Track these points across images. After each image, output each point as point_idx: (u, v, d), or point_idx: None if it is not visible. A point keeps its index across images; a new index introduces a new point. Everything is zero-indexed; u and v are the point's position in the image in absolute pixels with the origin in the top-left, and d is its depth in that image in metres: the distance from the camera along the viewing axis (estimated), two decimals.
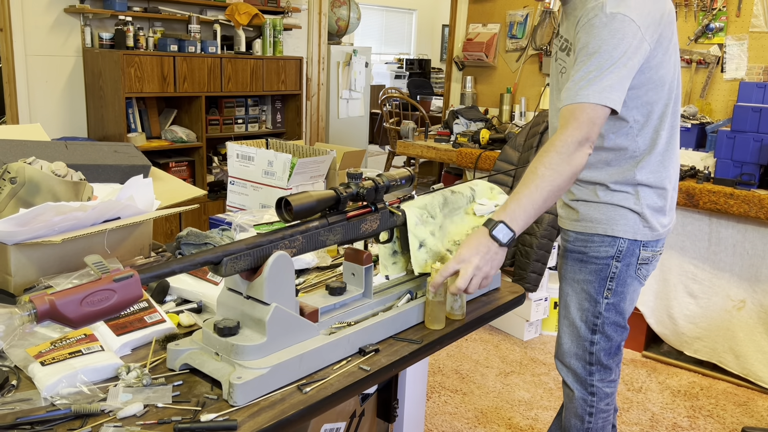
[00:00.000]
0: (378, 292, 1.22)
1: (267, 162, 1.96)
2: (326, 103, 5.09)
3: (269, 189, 1.95)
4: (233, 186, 2.06)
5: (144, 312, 1.11)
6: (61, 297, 0.77)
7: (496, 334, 2.97)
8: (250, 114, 4.07)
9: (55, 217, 1.16)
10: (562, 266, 1.49)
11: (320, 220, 1.08)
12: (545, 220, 2.58)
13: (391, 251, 1.28)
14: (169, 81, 3.39)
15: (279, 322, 0.98)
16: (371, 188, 1.14)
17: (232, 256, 0.94)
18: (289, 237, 1.02)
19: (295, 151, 2.20)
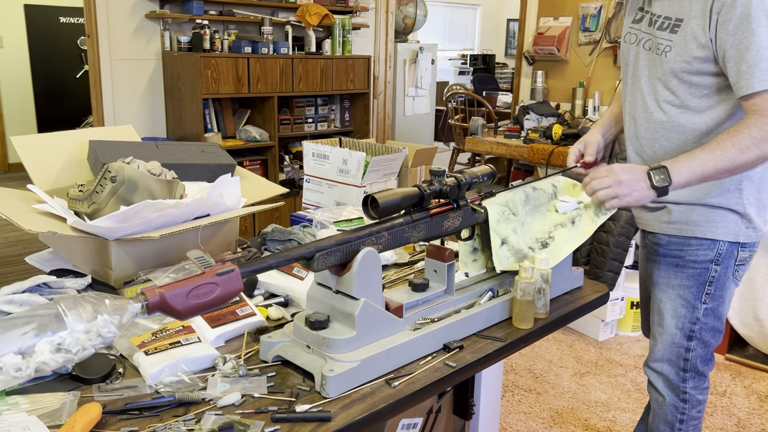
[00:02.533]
0: (459, 289, 1.22)
1: (341, 160, 1.99)
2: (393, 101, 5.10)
3: (344, 187, 1.98)
4: (309, 184, 2.10)
5: (236, 305, 1.15)
6: (170, 290, 0.81)
7: (570, 334, 2.91)
8: (320, 113, 4.14)
9: (152, 214, 1.22)
10: (654, 271, 1.44)
11: (404, 217, 1.09)
12: (622, 217, 2.50)
13: (471, 248, 1.27)
14: (243, 82, 3.49)
15: (367, 317, 0.99)
16: (454, 185, 1.14)
17: (323, 252, 0.96)
18: (375, 234, 1.04)
19: (368, 149, 2.22)
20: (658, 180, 1.16)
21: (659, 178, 1.17)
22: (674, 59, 1.26)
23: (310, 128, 4.08)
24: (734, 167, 1.17)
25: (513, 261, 1.24)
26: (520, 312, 1.18)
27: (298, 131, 3.99)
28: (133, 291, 1.18)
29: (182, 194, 1.38)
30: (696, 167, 1.17)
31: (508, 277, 1.29)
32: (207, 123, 3.60)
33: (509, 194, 1.28)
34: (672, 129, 1.30)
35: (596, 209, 1.32)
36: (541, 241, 1.29)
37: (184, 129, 3.53)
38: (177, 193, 1.35)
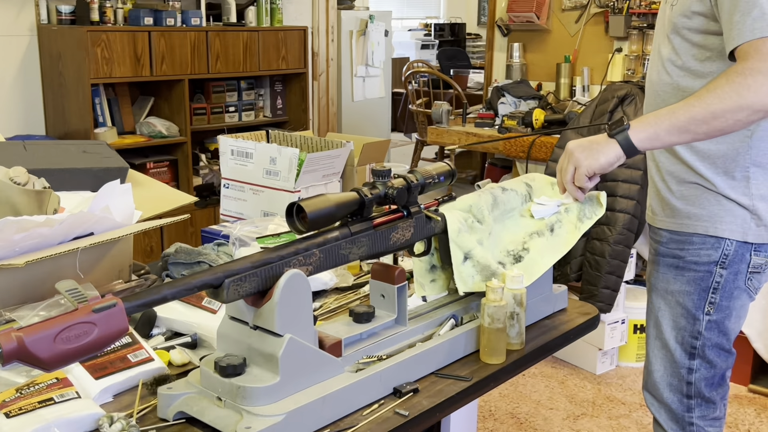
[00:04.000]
0: (414, 317, 1.23)
1: (269, 159, 1.99)
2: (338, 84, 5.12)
3: (272, 192, 1.97)
4: (228, 190, 2.08)
5: (127, 349, 1.13)
6: (31, 333, 0.79)
7: (561, 368, 2.95)
8: (245, 100, 4.12)
9: (15, 235, 1.19)
10: (652, 274, 1.49)
11: (341, 229, 1.09)
12: (619, 222, 2.56)
13: (428, 266, 1.28)
14: (143, 62, 3.45)
15: (295, 358, 0.99)
16: (402, 188, 1.14)
17: (235, 278, 0.95)
18: (303, 252, 1.03)
19: (303, 144, 2.22)
20: (616, 129, 1.25)
21: (618, 128, 1.25)
22: (676, 13, 1.35)
23: (233, 119, 4.05)
24: (710, 116, 1.21)
25: (479, 280, 1.25)
26: (489, 343, 1.19)
27: (217, 123, 3.96)
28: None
29: (56, 208, 1.35)
30: (663, 119, 1.24)
31: (475, 300, 1.30)
32: (98, 115, 3.54)
33: (473, 197, 1.30)
34: (672, 92, 1.36)
35: (579, 212, 1.35)
36: (513, 254, 1.31)
37: (68, 124, 3.46)
38: (49, 207, 1.32)
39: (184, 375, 1.13)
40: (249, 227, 1.62)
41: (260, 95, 4.28)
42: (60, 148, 1.56)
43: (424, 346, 1.16)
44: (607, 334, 2.85)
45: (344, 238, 1.08)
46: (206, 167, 3.97)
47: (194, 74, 3.66)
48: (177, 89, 3.66)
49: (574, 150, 1.25)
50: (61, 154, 1.54)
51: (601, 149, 1.26)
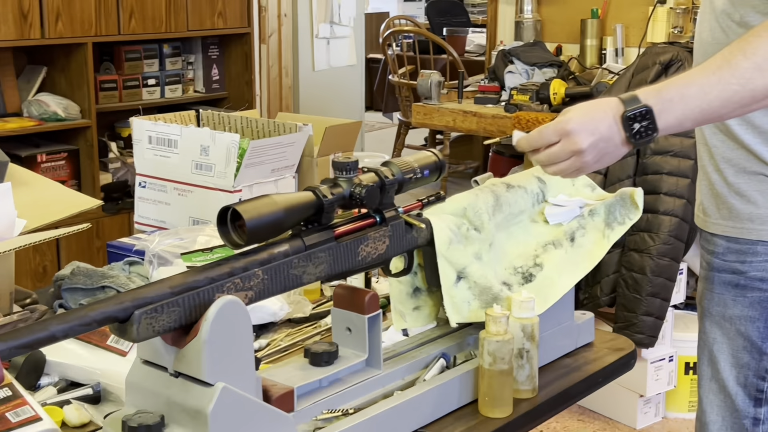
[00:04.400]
0: (392, 357, 1.22)
1: (199, 148, 1.98)
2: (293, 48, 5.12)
3: (204, 193, 1.97)
4: (144, 190, 2.07)
5: (6, 406, 1.11)
6: None
7: (591, 421, 2.97)
8: (168, 70, 4.09)
9: None
10: (705, 295, 1.50)
11: (292, 242, 1.08)
12: (665, 227, 2.58)
13: (410, 289, 1.29)
14: (32, 20, 3.42)
15: (230, 414, 0.98)
16: (373, 186, 1.14)
17: (148, 308, 0.94)
18: (241, 272, 1.03)
19: (246, 128, 2.22)
20: (640, 129, 1.21)
21: (640, 126, 1.21)
22: None
23: (153, 96, 4.03)
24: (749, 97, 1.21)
25: (477, 306, 1.25)
26: (491, 390, 1.19)
27: (131, 101, 3.93)
28: None
29: None
30: (692, 98, 1.21)
31: (471, 334, 1.29)
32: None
33: (469, 197, 1.30)
34: None
35: (608, 215, 1.35)
36: (521, 272, 1.31)
37: None
38: None
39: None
40: (171, 240, 1.61)
41: (189, 64, 4.25)
42: None
43: (405, 396, 1.15)
44: (650, 376, 2.87)
45: (296, 254, 1.08)
46: (118, 160, 3.94)
47: (100, 36, 3.64)
48: (77, 56, 3.63)
49: (586, 150, 1.21)
50: None
51: (613, 156, 1.24)
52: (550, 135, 1.21)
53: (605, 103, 1.24)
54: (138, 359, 1.04)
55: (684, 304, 2.97)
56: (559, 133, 1.21)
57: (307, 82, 5.25)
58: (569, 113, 1.23)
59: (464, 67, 4.65)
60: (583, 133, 1.20)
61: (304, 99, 5.24)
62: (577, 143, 1.20)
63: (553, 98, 3.18)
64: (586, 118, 1.21)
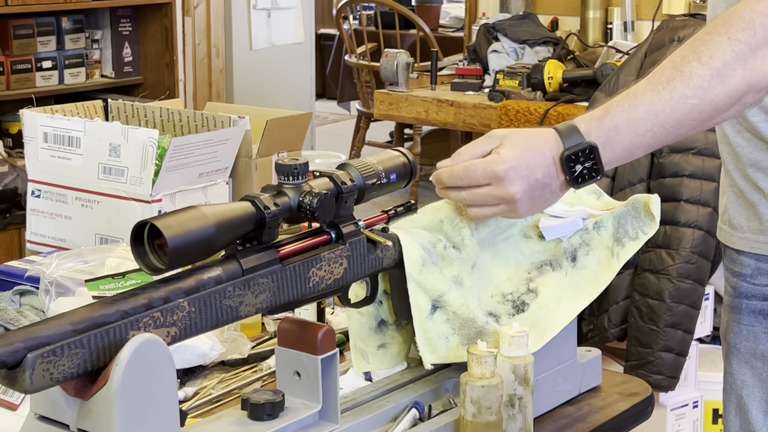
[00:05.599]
0: (352, 407, 1.22)
1: (108, 147, 1.98)
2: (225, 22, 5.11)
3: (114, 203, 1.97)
4: (39, 200, 2.07)
5: None
6: None
7: None
8: (68, 49, 4.09)
9: None
10: (731, 327, 1.51)
11: (225, 265, 1.08)
12: (686, 242, 2.60)
13: (374, 322, 1.29)
14: None
15: None
16: (327, 194, 1.15)
17: (44, 350, 0.93)
18: (161, 304, 1.02)
19: (167, 121, 2.21)
20: (582, 171, 1.24)
21: (582, 168, 1.24)
22: None
23: (49, 81, 4.03)
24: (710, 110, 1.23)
25: (457, 343, 1.25)
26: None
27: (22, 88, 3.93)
28: None
29: None
30: (641, 122, 1.24)
31: (450, 378, 1.30)
32: None
33: (445, 208, 1.31)
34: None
35: (617, 229, 1.36)
36: (512, 300, 1.32)
37: None
38: None
39: None
40: (73, 263, 1.61)
41: (95, 41, 4.25)
42: None
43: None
44: (670, 427, 2.88)
45: (231, 280, 1.08)
46: (5, 162, 3.91)
47: None
48: None
49: (519, 200, 1.24)
50: None
51: (554, 197, 1.28)
52: (478, 176, 1.23)
53: (542, 139, 1.26)
54: (31, 414, 1.02)
55: (711, 337, 2.99)
56: (490, 176, 1.23)
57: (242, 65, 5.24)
58: (502, 149, 1.24)
59: (438, 45, 4.66)
60: (517, 180, 1.22)
61: (239, 85, 5.23)
62: (509, 191, 1.22)
63: (548, 84, 3.20)
64: (521, 162, 1.23)
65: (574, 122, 1.26)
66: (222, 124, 2.15)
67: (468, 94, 3.40)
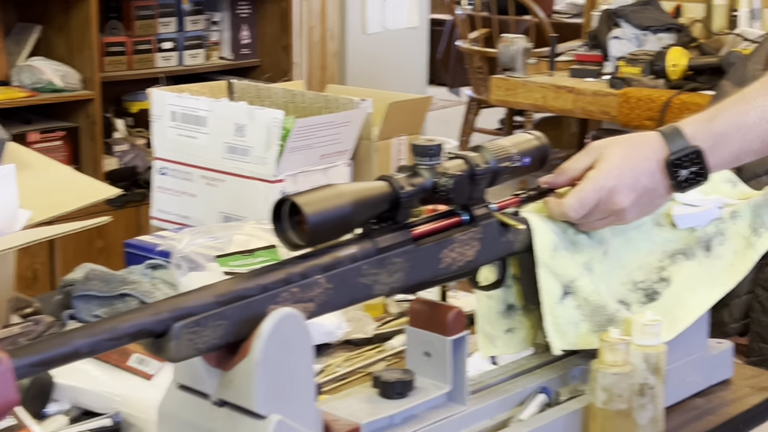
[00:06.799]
0: (479, 390, 1.23)
1: (233, 127, 2.01)
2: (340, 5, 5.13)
3: (239, 182, 1.99)
4: (165, 178, 2.10)
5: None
6: None
7: None
8: (188, 31, 4.15)
9: None
10: None
11: (361, 243, 1.09)
12: None
13: (502, 306, 1.29)
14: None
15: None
16: (462, 176, 1.15)
17: (189, 321, 0.96)
18: (300, 280, 1.04)
19: (289, 102, 2.23)
20: (688, 176, 1.24)
21: (689, 173, 1.24)
22: None
23: (169, 62, 4.09)
24: None
25: (587, 330, 1.25)
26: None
27: (142, 68, 3.99)
28: None
29: None
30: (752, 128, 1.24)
31: (577, 364, 1.30)
32: None
33: None
34: None
35: (755, 218, 1.34)
36: (643, 288, 1.31)
37: None
38: None
39: None
40: (203, 239, 1.63)
41: (214, 23, 4.30)
42: None
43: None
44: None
45: (366, 258, 1.08)
46: (125, 141, 3.99)
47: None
48: (78, 12, 3.68)
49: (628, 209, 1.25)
50: None
51: (659, 201, 1.29)
52: (591, 199, 1.23)
53: (644, 143, 1.26)
54: (173, 384, 1.05)
55: None
56: (599, 194, 1.23)
57: (356, 48, 5.25)
58: (604, 163, 1.24)
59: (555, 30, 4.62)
60: (624, 190, 1.23)
61: (352, 69, 5.25)
62: (617, 203, 1.23)
63: (671, 71, 3.15)
64: (625, 170, 1.24)
65: (679, 125, 1.25)
66: (344, 107, 2.16)
67: (587, 80, 3.38)
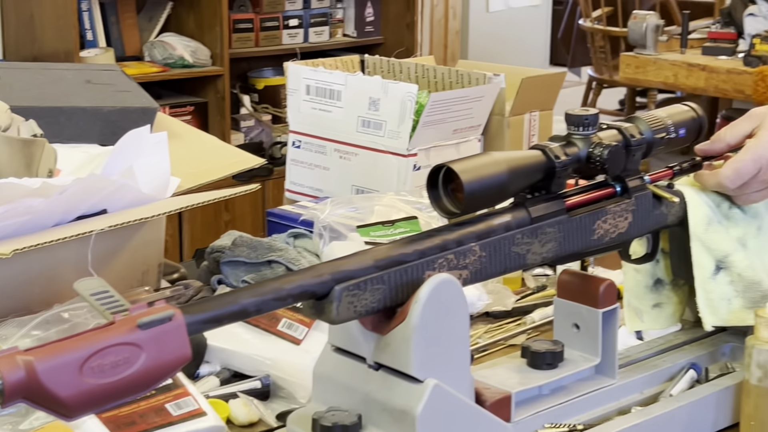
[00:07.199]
0: (627, 364, 1.22)
1: (368, 101, 2.02)
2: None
3: (371, 156, 2.01)
4: (299, 151, 2.13)
5: (165, 395, 1.16)
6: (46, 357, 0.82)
7: None
8: (314, 8, 4.18)
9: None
10: None
11: (515, 212, 1.09)
12: None
13: (650, 281, 1.28)
14: None
15: (440, 418, 1.00)
16: (618, 146, 1.14)
17: (349, 284, 0.97)
18: (455, 247, 1.04)
19: (421, 77, 2.24)
20: None
21: None
22: None
23: (295, 38, 4.13)
24: None
25: (739, 306, 1.23)
26: (759, 413, 1.16)
27: (269, 45, 4.04)
28: None
29: (51, 168, 1.40)
30: None
31: (727, 341, 1.28)
32: (85, 31, 3.66)
33: None
34: None
35: None
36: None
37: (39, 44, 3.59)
38: (41, 166, 1.38)
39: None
40: (344, 209, 1.65)
41: (339, 0, 4.32)
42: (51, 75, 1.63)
43: (647, 414, 1.15)
44: None
45: (520, 227, 1.08)
46: (251, 117, 4.04)
47: None
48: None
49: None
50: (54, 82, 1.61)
51: None
52: (749, 169, 1.20)
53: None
54: (328, 347, 1.07)
55: None
56: (759, 163, 1.20)
57: (478, 27, 5.25)
58: (766, 131, 1.21)
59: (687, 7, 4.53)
60: None
61: (473, 47, 5.24)
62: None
63: None
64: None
65: None
66: (477, 81, 2.16)
67: (720, 58, 3.31)
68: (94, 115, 1.57)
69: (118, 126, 1.56)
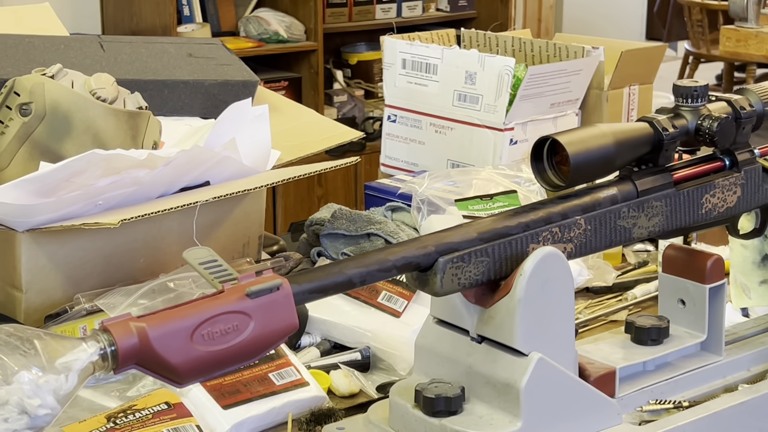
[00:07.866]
0: (734, 342, 1.21)
1: (464, 75, 2.01)
2: None
3: (467, 130, 2.00)
4: (394, 125, 2.13)
5: (268, 365, 1.19)
6: (158, 324, 0.84)
7: None
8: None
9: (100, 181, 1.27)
10: None
11: (621, 185, 1.08)
12: None
13: (758, 257, 1.26)
14: None
15: (546, 391, 1.00)
16: (727, 119, 1.12)
17: (453, 256, 0.97)
18: (559, 220, 1.04)
19: (518, 50, 2.22)
20: None
21: None
22: None
23: (388, 13, 4.14)
24: None
25: None
26: None
27: (361, 21, 4.05)
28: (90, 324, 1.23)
29: (156, 140, 1.43)
30: None
31: None
32: (182, 6, 3.71)
33: None
34: None
35: None
36: None
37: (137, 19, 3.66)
38: (147, 138, 1.40)
39: (354, 409, 1.18)
40: (442, 183, 1.64)
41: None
42: (153, 48, 1.65)
43: (755, 392, 1.14)
44: None
45: (626, 201, 1.07)
46: (344, 92, 4.06)
47: None
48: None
49: None
50: (156, 56, 1.63)
51: None
52: None
53: None
54: (431, 319, 1.07)
55: None
56: None
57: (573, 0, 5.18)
58: None
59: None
60: None
61: (567, 22, 5.18)
62: None
63: None
64: None
65: None
66: (575, 55, 2.13)
67: None
68: (196, 88, 1.59)
69: (220, 99, 1.58)
